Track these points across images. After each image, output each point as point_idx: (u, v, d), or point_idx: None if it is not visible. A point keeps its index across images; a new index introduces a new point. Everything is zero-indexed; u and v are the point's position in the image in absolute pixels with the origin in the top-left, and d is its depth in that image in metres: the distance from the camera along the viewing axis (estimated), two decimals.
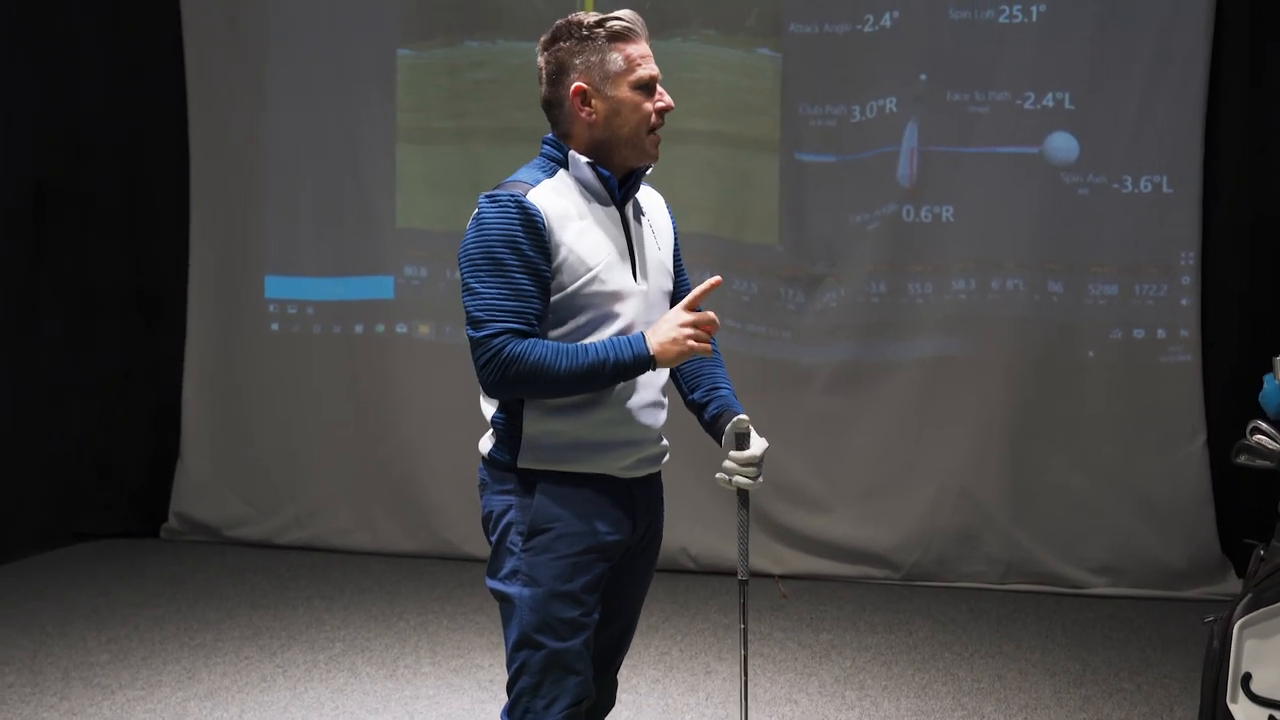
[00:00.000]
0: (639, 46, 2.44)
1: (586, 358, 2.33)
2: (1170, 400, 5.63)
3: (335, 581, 5.61)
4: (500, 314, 2.33)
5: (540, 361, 2.31)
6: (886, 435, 5.78)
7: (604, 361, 2.33)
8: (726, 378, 2.70)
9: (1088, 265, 5.65)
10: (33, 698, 4.15)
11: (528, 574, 2.41)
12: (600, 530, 2.44)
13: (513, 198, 2.37)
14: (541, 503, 2.43)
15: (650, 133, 2.46)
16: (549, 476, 2.43)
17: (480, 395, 2.52)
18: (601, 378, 2.35)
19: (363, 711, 4.09)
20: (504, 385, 2.35)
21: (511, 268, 2.34)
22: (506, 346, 2.31)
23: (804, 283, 5.84)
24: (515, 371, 2.31)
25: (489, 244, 2.35)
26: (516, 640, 2.42)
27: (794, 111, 5.79)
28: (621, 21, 2.43)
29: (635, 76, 2.42)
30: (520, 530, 2.43)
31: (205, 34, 6.17)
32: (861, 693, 4.33)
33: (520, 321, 2.33)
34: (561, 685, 2.40)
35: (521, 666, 2.41)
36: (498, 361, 2.31)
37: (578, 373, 2.33)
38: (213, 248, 6.25)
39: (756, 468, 2.52)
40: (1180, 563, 5.56)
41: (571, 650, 2.40)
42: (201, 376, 6.28)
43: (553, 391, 2.37)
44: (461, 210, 5.94)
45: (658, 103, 2.46)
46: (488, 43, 5.99)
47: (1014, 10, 5.62)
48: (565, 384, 2.34)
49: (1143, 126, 5.57)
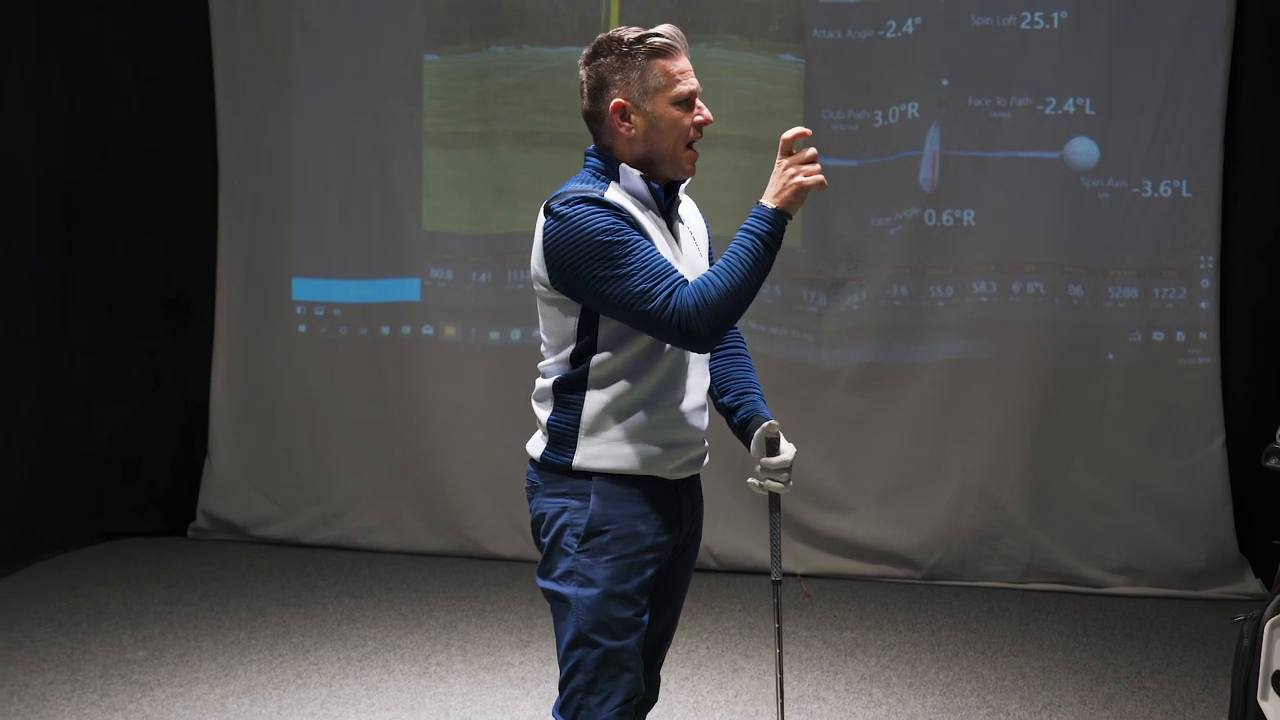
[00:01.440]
0: (679, 62, 2.48)
1: (746, 255, 2.38)
2: (1189, 402, 5.68)
3: (363, 580, 5.68)
4: (658, 275, 2.36)
5: (717, 287, 2.35)
6: (907, 437, 5.84)
7: (756, 247, 2.39)
8: (757, 382, 2.74)
9: (1108, 269, 5.71)
10: (74, 694, 4.22)
11: (583, 575, 2.47)
12: (654, 531, 2.50)
13: (590, 197, 2.42)
14: (597, 504, 2.48)
15: (688, 147, 2.51)
16: (604, 478, 2.48)
17: (531, 397, 2.58)
18: (766, 258, 2.40)
19: (398, 708, 4.16)
20: (716, 326, 2.36)
21: (632, 242, 2.38)
22: (682, 298, 2.35)
23: (826, 285, 5.90)
24: (711, 308, 2.33)
25: (596, 236, 2.37)
26: (572, 639, 2.47)
27: (817, 116, 5.84)
28: (661, 38, 2.47)
29: (675, 92, 2.47)
30: (576, 532, 2.48)
31: (233, 40, 6.24)
32: (888, 690, 4.39)
33: (672, 274, 2.37)
34: (616, 683, 2.45)
35: (576, 665, 2.47)
36: (688, 313, 2.34)
37: (747, 272, 2.37)
38: (241, 251, 6.32)
39: (787, 473, 2.58)
40: (1199, 563, 5.61)
41: (626, 649, 2.46)
42: (229, 377, 6.35)
43: (747, 301, 2.40)
44: (487, 213, 6.06)
45: (696, 117, 2.50)
46: (513, 48, 6.05)
47: (1035, 16, 5.67)
48: (749, 286, 2.37)
49: (1163, 131, 5.63)
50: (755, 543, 5.86)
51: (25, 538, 5.87)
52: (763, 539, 5.86)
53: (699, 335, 2.36)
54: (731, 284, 2.36)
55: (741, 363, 2.75)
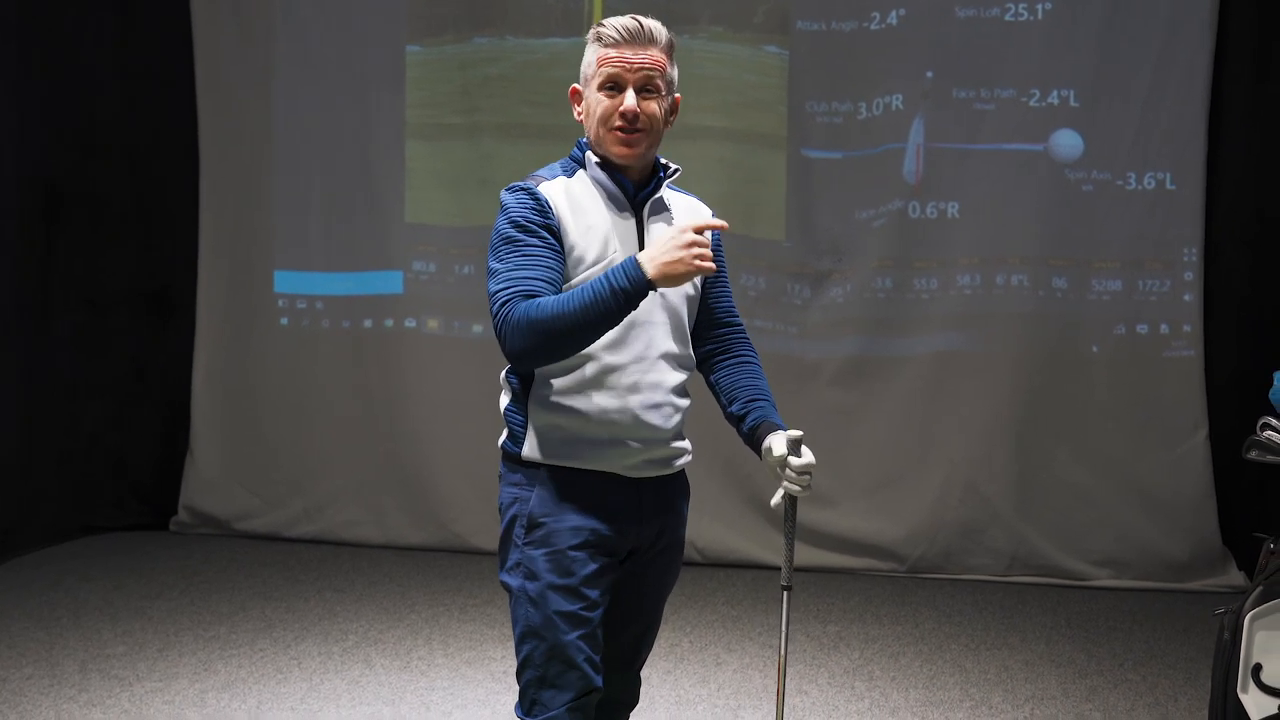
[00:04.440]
0: (617, 50, 2.46)
1: (585, 296, 2.31)
2: (1173, 395, 5.69)
3: (345, 574, 5.66)
4: (513, 282, 2.37)
5: (543, 313, 2.31)
6: (892, 430, 5.84)
7: (603, 294, 2.30)
8: (767, 390, 2.68)
9: (1092, 261, 5.71)
10: (52, 689, 4.19)
11: (528, 567, 2.45)
12: (598, 526, 2.46)
13: (525, 187, 2.47)
14: (541, 496, 2.46)
15: (611, 130, 2.47)
16: (552, 471, 2.47)
17: (501, 389, 2.56)
18: (609, 311, 2.30)
19: (379, 703, 4.14)
20: (522, 347, 2.33)
21: (523, 243, 2.40)
22: (514, 306, 2.33)
23: (810, 278, 5.89)
24: (524, 326, 2.30)
25: (500, 227, 2.44)
26: (521, 633, 2.46)
27: (801, 108, 5.83)
28: (607, 27, 2.48)
29: (602, 77, 2.47)
30: (523, 523, 2.47)
31: (215, 33, 6.20)
32: (871, 683, 4.38)
33: (532, 285, 2.35)
34: (565, 678, 2.42)
35: (527, 659, 2.45)
36: (507, 322, 2.33)
37: (577, 314, 2.29)
38: (222, 244, 6.29)
39: (809, 476, 2.56)
40: (1182, 555, 5.62)
41: (571, 643, 2.42)
42: (211, 370, 6.32)
43: (568, 339, 2.33)
44: (471, 205, 6.03)
45: (621, 106, 2.45)
46: (497, 39, 6.03)
47: (1020, 8, 5.67)
48: (574, 327, 2.30)
49: (1147, 124, 5.63)
50: (739, 536, 5.85)
51: (7, 532, 5.83)
52: (746, 532, 5.86)
53: (506, 347, 2.36)
54: (556, 315, 2.30)
55: (749, 370, 2.69)
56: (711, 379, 2.69)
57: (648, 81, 2.47)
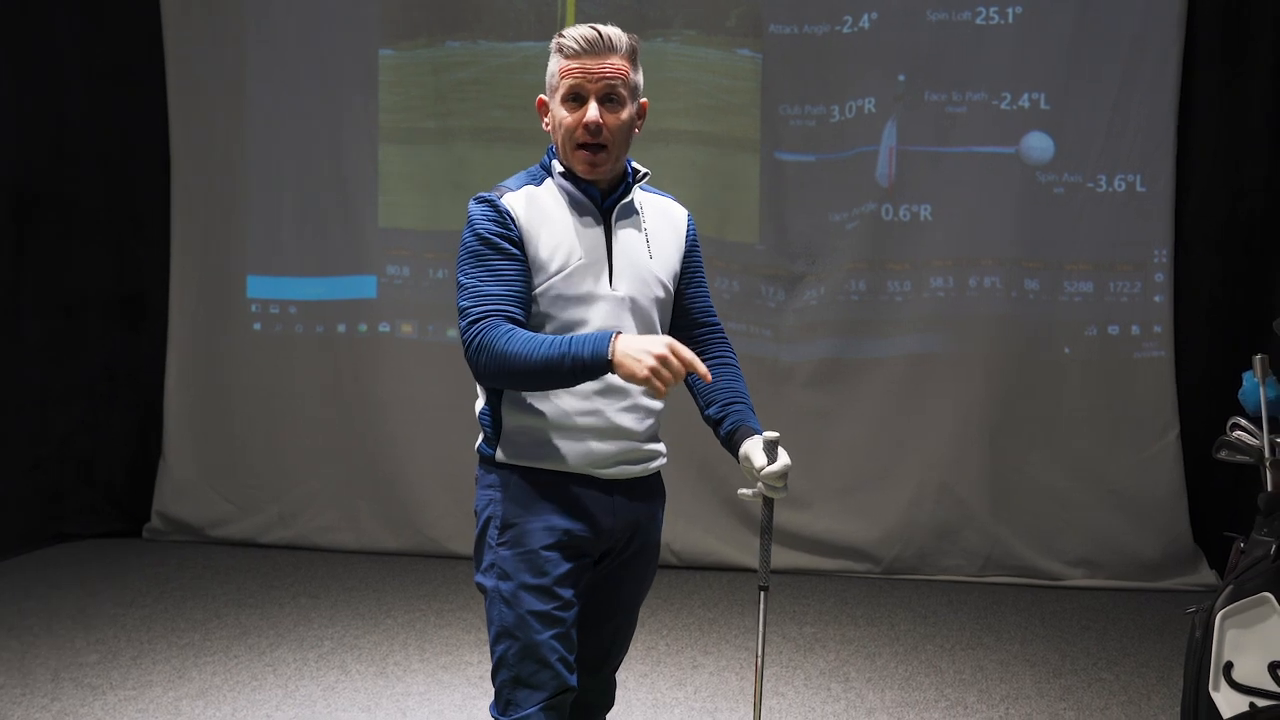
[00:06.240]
0: (578, 61, 2.44)
1: (548, 349, 2.32)
2: (1144, 395, 5.73)
3: (321, 580, 5.63)
4: (482, 300, 2.39)
5: (508, 349, 2.34)
6: (867, 431, 5.86)
7: (563, 355, 2.32)
8: (744, 392, 2.67)
9: (1063, 263, 5.75)
10: (24, 699, 4.16)
11: (501, 568, 2.46)
12: (571, 526, 2.47)
13: (489, 199, 2.48)
14: (513, 497, 2.48)
15: (577, 150, 2.46)
16: (525, 472, 2.48)
17: (476, 393, 2.57)
18: (560, 372, 2.33)
19: (355, 709, 4.12)
20: (485, 372, 2.39)
21: (488, 257, 2.42)
22: (484, 332, 2.37)
23: (784, 281, 5.91)
24: (489, 357, 2.36)
25: (466, 240, 2.46)
26: (496, 633, 2.47)
27: (774, 111, 5.85)
28: (567, 38, 2.46)
29: (564, 88, 2.46)
30: (496, 525, 2.49)
31: (186, 36, 6.17)
32: (846, 685, 4.39)
33: (502, 304, 2.39)
34: (538, 678, 2.43)
35: (501, 659, 2.46)
36: (475, 347, 2.37)
37: (536, 363, 2.32)
38: (194, 248, 6.26)
39: (784, 479, 2.56)
40: (1155, 554, 5.66)
41: (545, 643, 2.43)
42: (183, 375, 6.28)
43: (522, 381, 2.38)
44: (444, 210, 6.02)
45: (584, 117, 2.44)
46: (470, 43, 6.02)
47: (991, 12, 5.70)
48: (529, 373, 2.34)
49: (1117, 127, 5.68)
50: (715, 539, 5.86)
51: None
52: (722, 535, 5.87)
53: (473, 368, 2.41)
54: (519, 358, 2.32)
55: (727, 373, 2.69)
56: (689, 379, 2.68)
57: (610, 91, 2.45)
